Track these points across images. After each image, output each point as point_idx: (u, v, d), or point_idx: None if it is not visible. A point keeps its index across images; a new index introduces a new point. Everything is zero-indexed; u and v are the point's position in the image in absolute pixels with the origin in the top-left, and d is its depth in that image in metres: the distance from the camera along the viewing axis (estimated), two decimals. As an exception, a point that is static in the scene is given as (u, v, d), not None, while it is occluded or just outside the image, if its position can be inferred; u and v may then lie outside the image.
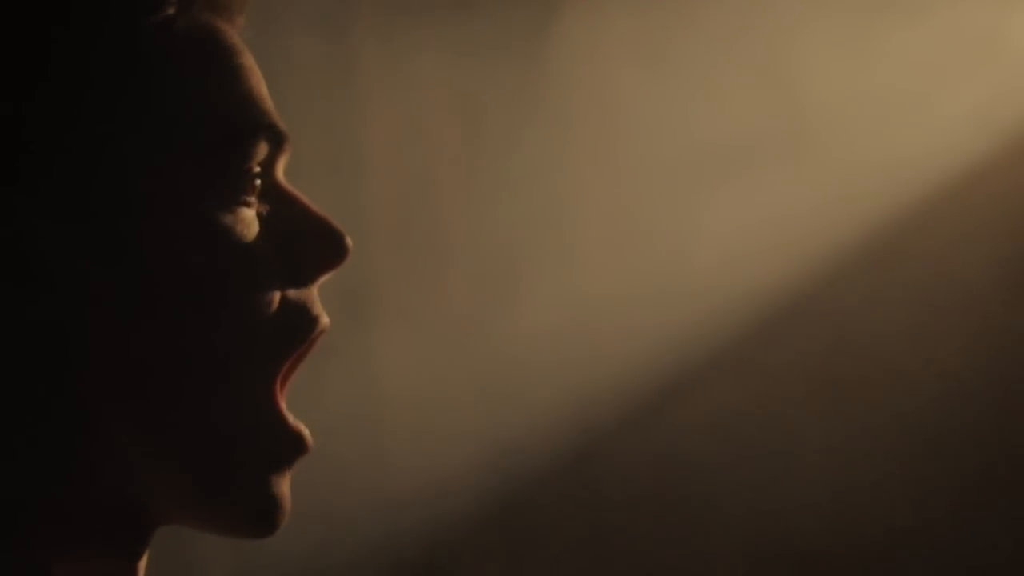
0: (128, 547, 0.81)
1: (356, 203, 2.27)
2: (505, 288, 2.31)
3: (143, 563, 0.82)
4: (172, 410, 0.78)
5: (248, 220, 0.80)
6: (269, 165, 0.83)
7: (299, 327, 0.82)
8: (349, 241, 0.83)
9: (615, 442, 2.31)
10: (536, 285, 2.31)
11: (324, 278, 0.83)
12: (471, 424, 2.28)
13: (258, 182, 0.81)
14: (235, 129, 0.80)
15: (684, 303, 2.33)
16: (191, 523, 0.82)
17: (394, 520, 2.25)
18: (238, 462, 0.80)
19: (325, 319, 0.83)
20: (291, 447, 0.81)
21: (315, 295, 0.83)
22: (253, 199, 0.81)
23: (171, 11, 0.80)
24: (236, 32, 0.84)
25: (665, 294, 2.33)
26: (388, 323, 2.28)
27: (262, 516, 0.80)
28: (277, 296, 0.80)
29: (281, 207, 0.83)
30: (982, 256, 2.38)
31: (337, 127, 2.26)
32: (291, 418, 0.82)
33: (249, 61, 0.83)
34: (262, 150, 0.81)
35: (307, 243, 0.82)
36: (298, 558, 2.19)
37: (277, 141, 0.82)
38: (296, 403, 0.83)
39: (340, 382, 2.21)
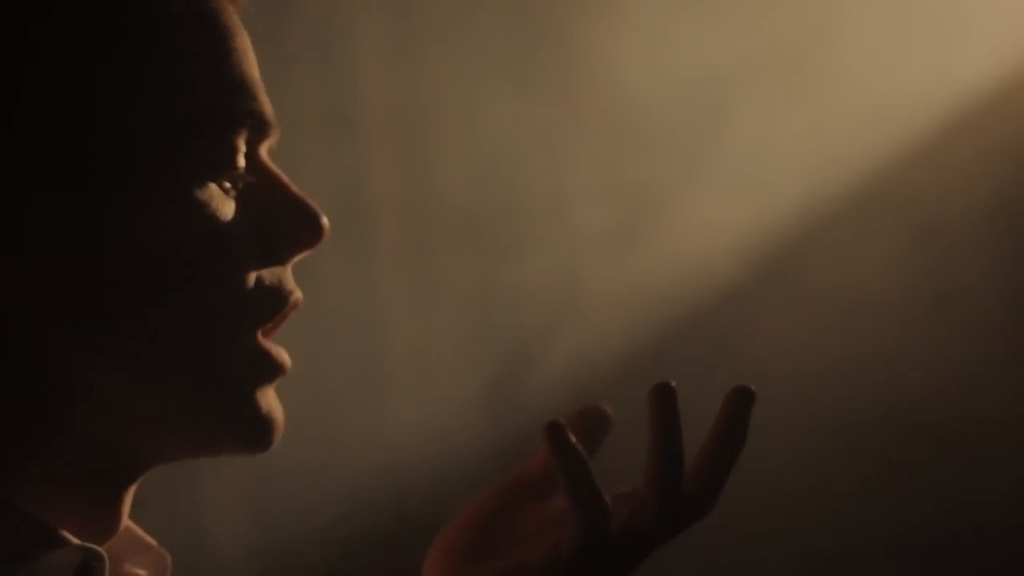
0: (113, 495, 0.83)
1: (353, 168, 2.28)
2: (505, 241, 2.32)
3: (126, 507, 0.85)
4: (154, 366, 0.80)
5: (225, 199, 0.82)
6: (253, 145, 0.84)
7: (272, 301, 0.84)
8: (325, 221, 0.85)
9: (615, 388, 2.32)
10: (533, 241, 2.32)
11: (299, 257, 0.85)
12: (471, 372, 2.29)
13: (240, 162, 0.83)
14: (220, 115, 0.81)
15: (680, 252, 2.33)
16: (190, 454, 0.84)
17: (398, 464, 2.27)
18: (221, 386, 0.82)
19: (298, 294, 0.85)
20: (270, 367, 0.84)
21: (288, 271, 0.85)
22: (233, 178, 0.83)
23: None
24: (237, 9, 0.85)
25: (660, 244, 2.33)
26: (389, 279, 2.29)
27: (257, 428, 0.83)
28: (252, 274, 0.82)
29: (261, 186, 0.84)
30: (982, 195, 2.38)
31: (332, 91, 2.26)
32: (270, 346, 0.84)
33: (243, 43, 0.84)
34: (245, 135, 0.83)
35: (284, 222, 0.84)
36: (308, 511, 2.22)
37: (261, 128, 0.84)
38: (300, 359, 0.86)
39: (342, 333, 2.22)
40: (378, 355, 2.27)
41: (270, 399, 0.84)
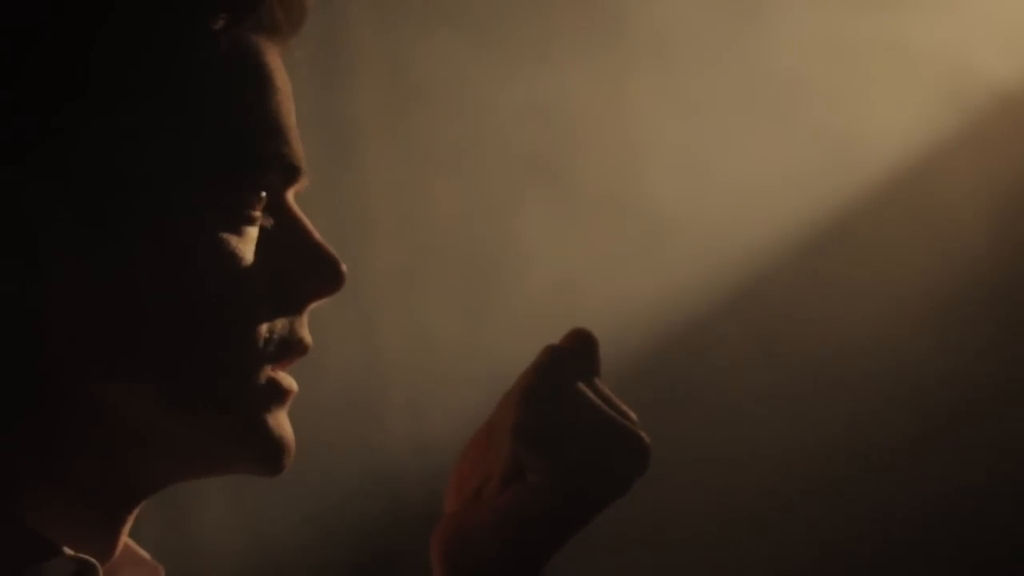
0: (116, 517, 0.84)
1: (353, 177, 2.28)
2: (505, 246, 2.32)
3: (127, 530, 0.85)
4: (174, 394, 0.81)
5: (247, 241, 0.82)
6: (280, 189, 0.85)
7: (280, 349, 0.84)
8: (344, 270, 0.85)
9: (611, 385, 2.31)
10: (533, 248, 2.32)
11: (315, 304, 0.86)
12: (468, 382, 2.29)
13: (265, 206, 0.83)
14: (252, 159, 0.82)
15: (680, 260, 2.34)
16: (203, 475, 0.85)
17: (391, 479, 2.27)
18: (236, 413, 0.83)
19: (308, 340, 0.85)
20: (278, 392, 0.84)
21: (303, 317, 0.85)
22: (257, 220, 0.83)
23: (219, 25, 0.81)
24: (283, 51, 0.85)
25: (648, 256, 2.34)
26: (384, 290, 2.29)
27: (270, 450, 0.84)
28: (265, 322, 0.83)
29: (284, 230, 0.84)
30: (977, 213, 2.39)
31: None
32: (278, 375, 0.85)
33: (283, 85, 0.84)
34: (274, 180, 0.83)
35: (302, 270, 0.85)
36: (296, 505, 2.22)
37: (292, 174, 0.84)
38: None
39: (339, 348, 2.23)
40: (371, 367, 2.28)
41: (281, 422, 0.84)
